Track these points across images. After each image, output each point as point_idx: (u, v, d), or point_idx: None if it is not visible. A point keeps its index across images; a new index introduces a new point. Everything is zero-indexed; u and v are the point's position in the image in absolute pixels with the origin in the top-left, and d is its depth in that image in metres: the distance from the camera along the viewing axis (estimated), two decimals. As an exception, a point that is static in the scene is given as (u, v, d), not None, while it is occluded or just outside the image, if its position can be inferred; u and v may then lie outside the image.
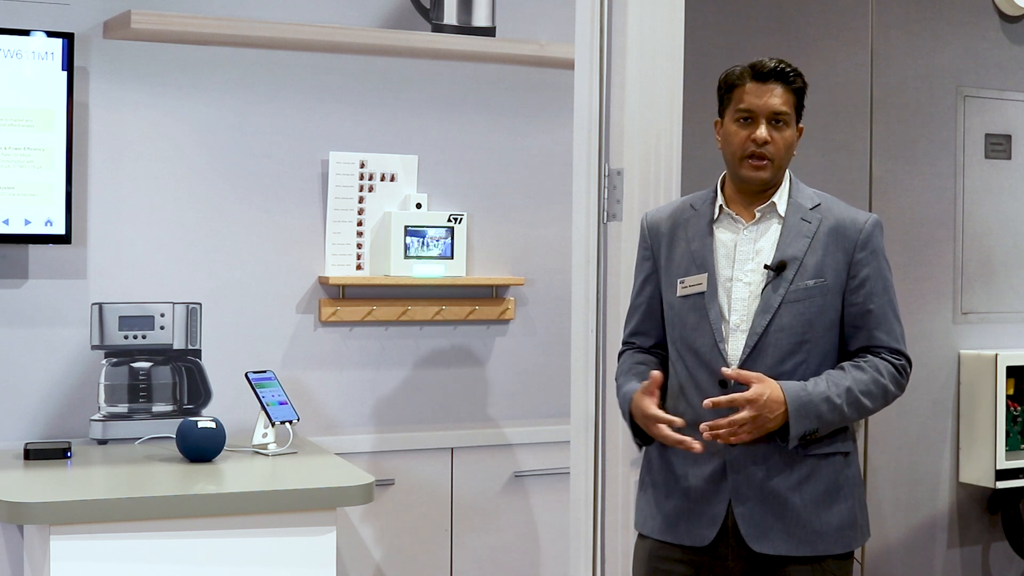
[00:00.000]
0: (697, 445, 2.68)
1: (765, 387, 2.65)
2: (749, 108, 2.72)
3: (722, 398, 2.65)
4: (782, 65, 2.73)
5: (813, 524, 2.71)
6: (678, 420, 2.71)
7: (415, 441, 4.25)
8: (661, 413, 2.72)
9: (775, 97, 2.71)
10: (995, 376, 3.62)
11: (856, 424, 2.83)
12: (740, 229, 2.79)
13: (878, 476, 3.56)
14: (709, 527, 2.74)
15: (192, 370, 3.90)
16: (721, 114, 2.80)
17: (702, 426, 2.66)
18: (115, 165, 3.99)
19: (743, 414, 2.63)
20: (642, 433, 2.80)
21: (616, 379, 2.93)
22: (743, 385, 2.67)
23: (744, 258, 2.76)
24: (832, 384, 2.69)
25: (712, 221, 2.80)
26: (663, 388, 2.84)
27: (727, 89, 2.77)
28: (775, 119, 2.72)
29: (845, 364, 2.75)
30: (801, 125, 2.79)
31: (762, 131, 2.71)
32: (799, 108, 2.76)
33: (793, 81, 2.74)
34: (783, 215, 2.77)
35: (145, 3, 3.89)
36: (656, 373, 2.74)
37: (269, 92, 4.17)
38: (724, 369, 2.68)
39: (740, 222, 2.79)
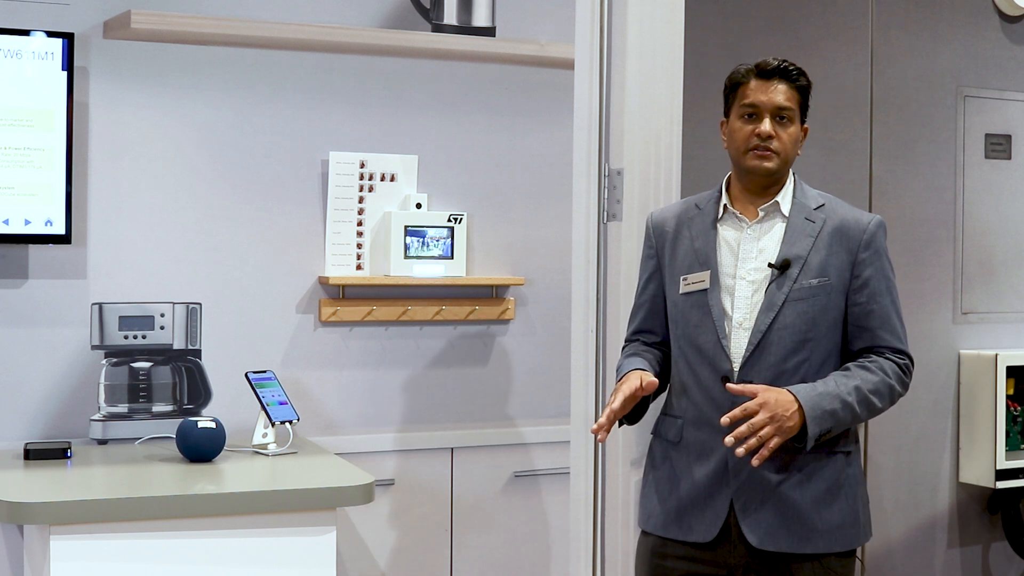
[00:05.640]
0: (600, 436, 2.70)
1: (770, 392, 2.64)
2: (753, 103, 2.74)
3: (737, 411, 2.63)
4: (786, 63, 2.76)
5: (814, 522, 2.72)
6: (617, 406, 2.67)
7: (415, 441, 4.25)
8: (634, 385, 2.69)
9: (779, 94, 2.74)
10: (995, 376, 3.62)
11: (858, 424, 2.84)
12: (744, 227, 2.79)
13: (878, 476, 3.55)
14: (711, 524, 2.74)
15: (192, 370, 3.90)
16: (727, 113, 2.82)
17: (727, 439, 2.63)
18: (115, 165, 3.99)
19: (760, 417, 2.61)
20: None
21: (618, 363, 2.90)
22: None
23: (748, 256, 2.77)
24: (841, 383, 2.69)
25: (716, 219, 2.81)
26: (663, 385, 2.85)
27: (732, 88, 2.80)
28: (779, 115, 2.74)
29: (850, 364, 2.76)
30: (806, 125, 2.81)
31: (766, 125, 2.73)
32: (803, 107, 2.79)
33: (797, 79, 2.76)
34: (787, 214, 2.78)
35: (145, 3, 3.89)
36: (652, 381, 2.71)
37: (269, 92, 4.17)
38: (729, 385, 2.67)
39: (744, 220, 2.79)
